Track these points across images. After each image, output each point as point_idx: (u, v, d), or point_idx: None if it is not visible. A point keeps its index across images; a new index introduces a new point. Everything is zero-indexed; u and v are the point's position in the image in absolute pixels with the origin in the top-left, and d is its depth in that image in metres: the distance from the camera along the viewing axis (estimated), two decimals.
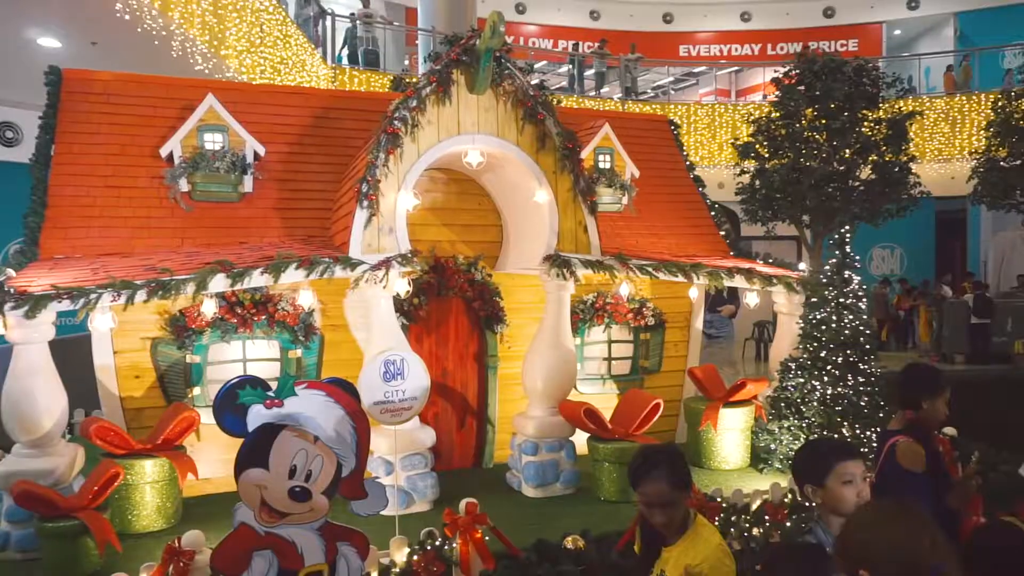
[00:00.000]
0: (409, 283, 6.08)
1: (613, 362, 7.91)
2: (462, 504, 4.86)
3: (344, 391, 3.62)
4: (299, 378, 6.12)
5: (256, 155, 6.79)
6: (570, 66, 19.52)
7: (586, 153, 7.71)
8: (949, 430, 6.59)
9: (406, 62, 17.65)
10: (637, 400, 6.64)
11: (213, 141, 6.61)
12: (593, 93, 18.82)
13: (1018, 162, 11.77)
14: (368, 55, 15.89)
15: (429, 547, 4.70)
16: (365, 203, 5.79)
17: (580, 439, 6.62)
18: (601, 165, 7.99)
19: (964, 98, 17.44)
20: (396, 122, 5.94)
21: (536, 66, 20.15)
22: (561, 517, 5.79)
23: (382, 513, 3.95)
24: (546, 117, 6.43)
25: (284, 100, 7.44)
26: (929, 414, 3.76)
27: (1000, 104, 12.42)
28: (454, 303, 7.16)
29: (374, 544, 4.22)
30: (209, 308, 5.94)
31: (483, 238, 7.32)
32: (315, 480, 3.48)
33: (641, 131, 9.10)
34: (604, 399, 7.43)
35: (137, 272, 5.26)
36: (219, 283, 5.30)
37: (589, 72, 19.40)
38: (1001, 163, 12.02)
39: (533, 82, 6.80)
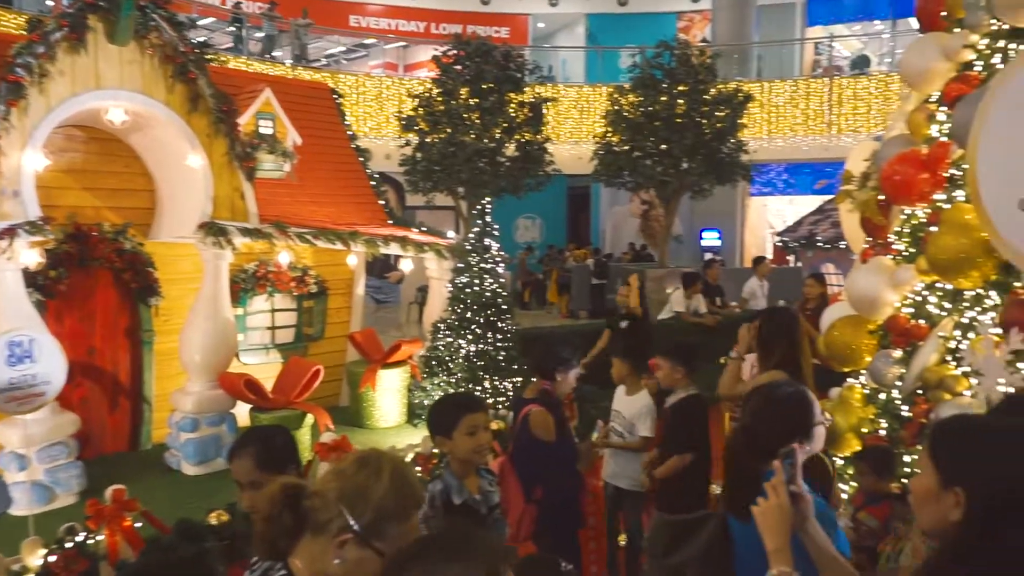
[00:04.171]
0: (41, 254, 5.49)
1: (277, 331, 7.92)
2: (108, 492, 4.48)
3: None
4: None
5: None
6: (236, 26, 18.32)
7: (246, 118, 7.47)
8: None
9: (50, 2, 15.01)
10: (298, 368, 6.81)
11: None
12: (262, 56, 17.98)
13: (627, 147, 13.90)
14: None
15: (69, 544, 4.33)
16: None
17: (243, 411, 6.61)
18: (263, 131, 7.83)
19: (590, 88, 20.11)
20: (19, 69, 5.28)
21: (202, 23, 18.62)
22: (222, 491, 5.63)
23: (11, 514, 3.62)
24: (198, 76, 6.19)
25: None
26: (561, 387, 4.13)
27: (614, 96, 14.52)
28: (100, 275, 6.57)
29: (2, 551, 3.85)
30: None
31: (133, 204, 6.81)
32: None
33: (305, 99, 9.07)
34: (269, 369, 7.44)
35: None
36: None
37: (260, 34, 18.49)
38: (614, 148, 14.07)
39: (199, 40, 6.49)
